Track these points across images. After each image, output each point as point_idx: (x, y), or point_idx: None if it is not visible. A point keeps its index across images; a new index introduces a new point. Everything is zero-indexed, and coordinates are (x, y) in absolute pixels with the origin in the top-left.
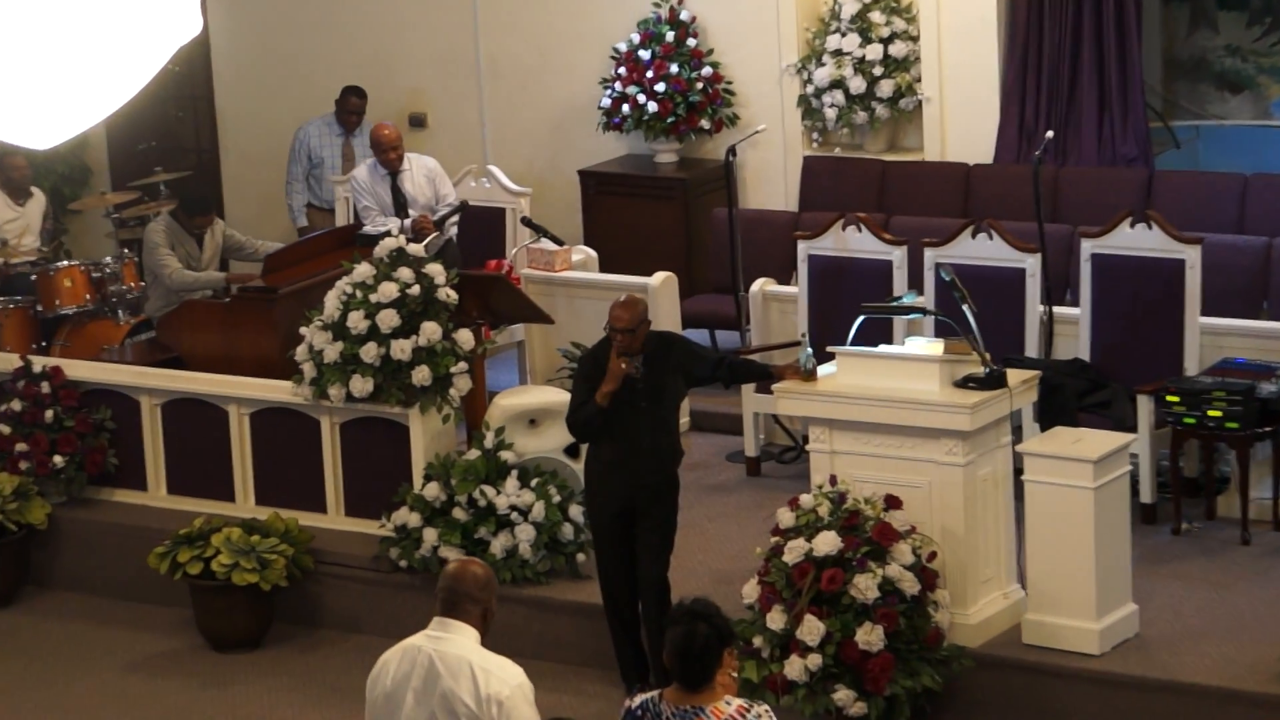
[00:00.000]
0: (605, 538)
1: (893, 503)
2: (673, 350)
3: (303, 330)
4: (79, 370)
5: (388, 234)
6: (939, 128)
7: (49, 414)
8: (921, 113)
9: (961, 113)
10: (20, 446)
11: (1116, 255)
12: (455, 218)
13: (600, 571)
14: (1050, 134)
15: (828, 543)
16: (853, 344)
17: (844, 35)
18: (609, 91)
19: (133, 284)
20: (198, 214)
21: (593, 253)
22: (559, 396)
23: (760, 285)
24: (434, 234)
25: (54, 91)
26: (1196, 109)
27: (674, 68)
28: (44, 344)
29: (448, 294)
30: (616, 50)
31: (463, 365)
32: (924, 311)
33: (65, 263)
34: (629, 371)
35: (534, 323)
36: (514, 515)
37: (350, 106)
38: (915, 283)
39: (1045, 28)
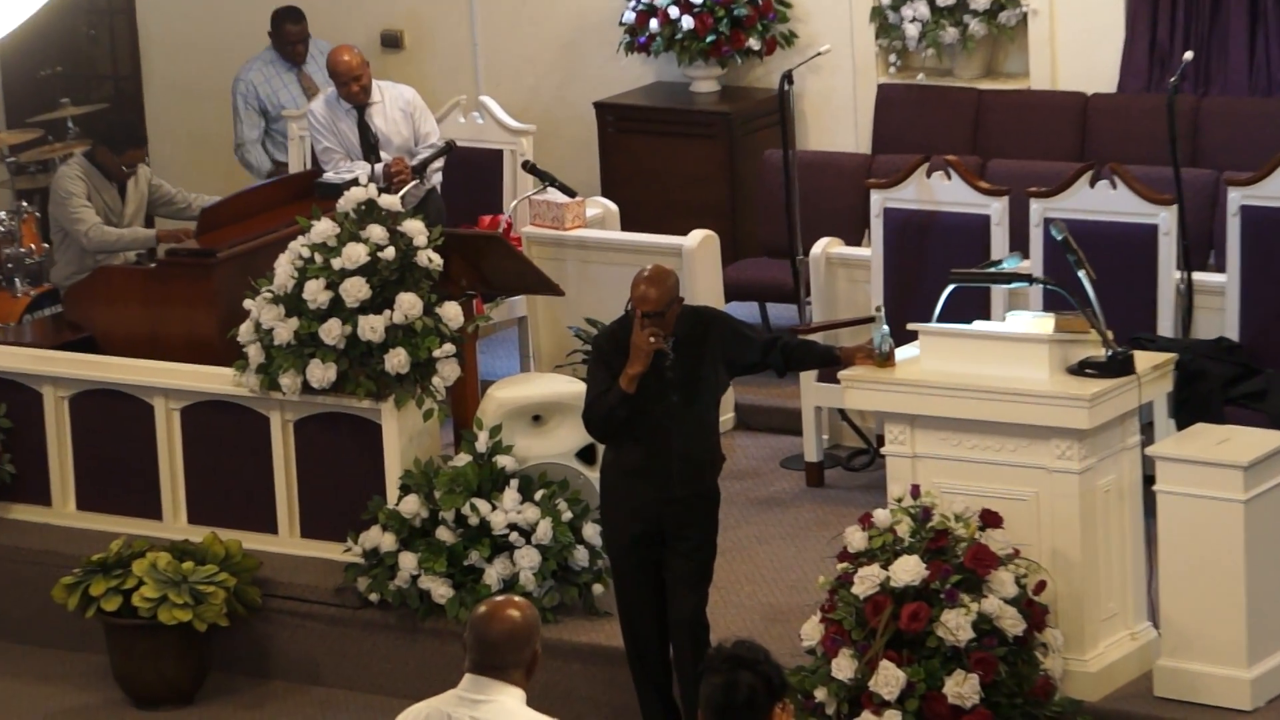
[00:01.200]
0: (627, 565)
1: (990, 520)
2: (712, 331)
3: (247, 304)
4: None
5: (354, 183)
6: (1048, 48)
7: None
8: (1026, 29)
9: (1077, 29)
10: None
11: (1273, 208)
12: (439, 162)
13: (621, 608)
14: (1189, 55)
15: (909, 570)
16: (939, 320)
17: None
18: (633, 3)
19: (34, 245)
20: (130, 147)
21: (612, 206)
22: (570, 387)
23: (824, 247)
24: (412, 182)
25: None
26: None
27: None
28: None
29: (430, 258)
30: None
31: (449, 348)
32: (1029, 280)
33: None
34: (659, 346)
35: (538, 294)
36: (514, 536)
37: (288, 36)
38: (1019, 243)
39: None
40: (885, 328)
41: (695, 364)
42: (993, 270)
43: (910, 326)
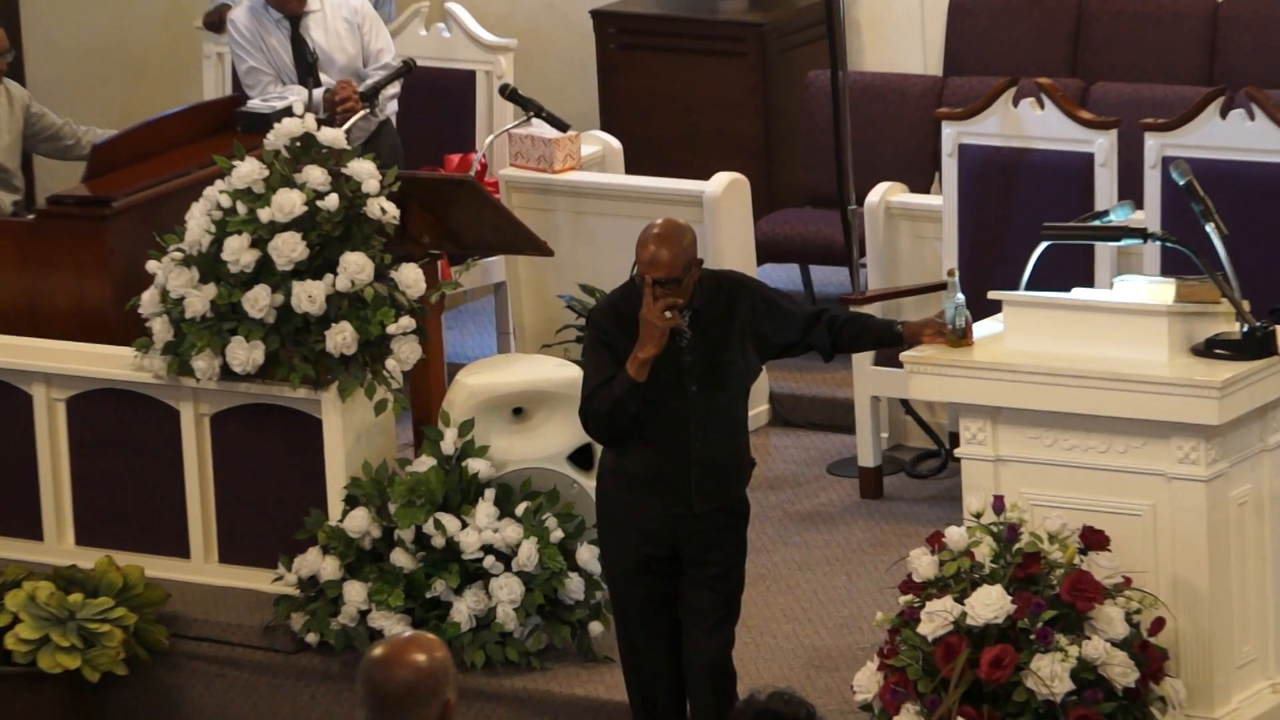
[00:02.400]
0: (632, 599)
1: (1094, 540)
2: (739, 302)
3: (151, 266)
4: None
5: (287, 112)
6: None
7: None
8: None
9: None
10: None
11: None
12: (395, 87)
13: (625, 652)
14: None
15: (990, 604)
16: (1028, 287)
17: None
18: None
19: None
20: None
21: (614, 143)
22: (560, 372)
23: (883, 194)
24: (361, 112)
25: None
26: None
27: None
28: None
29: (383, 208)
30: None
31: (407, 322)
32: (1144, 235)
33: None
34: (676, 323)
35: (521, 254)
36: (489, 562)
37: None
38: (1130, 189)
39: None
40: (960, 297)
41: (718, 345)
42: (1097, 224)
43: (992, 295)
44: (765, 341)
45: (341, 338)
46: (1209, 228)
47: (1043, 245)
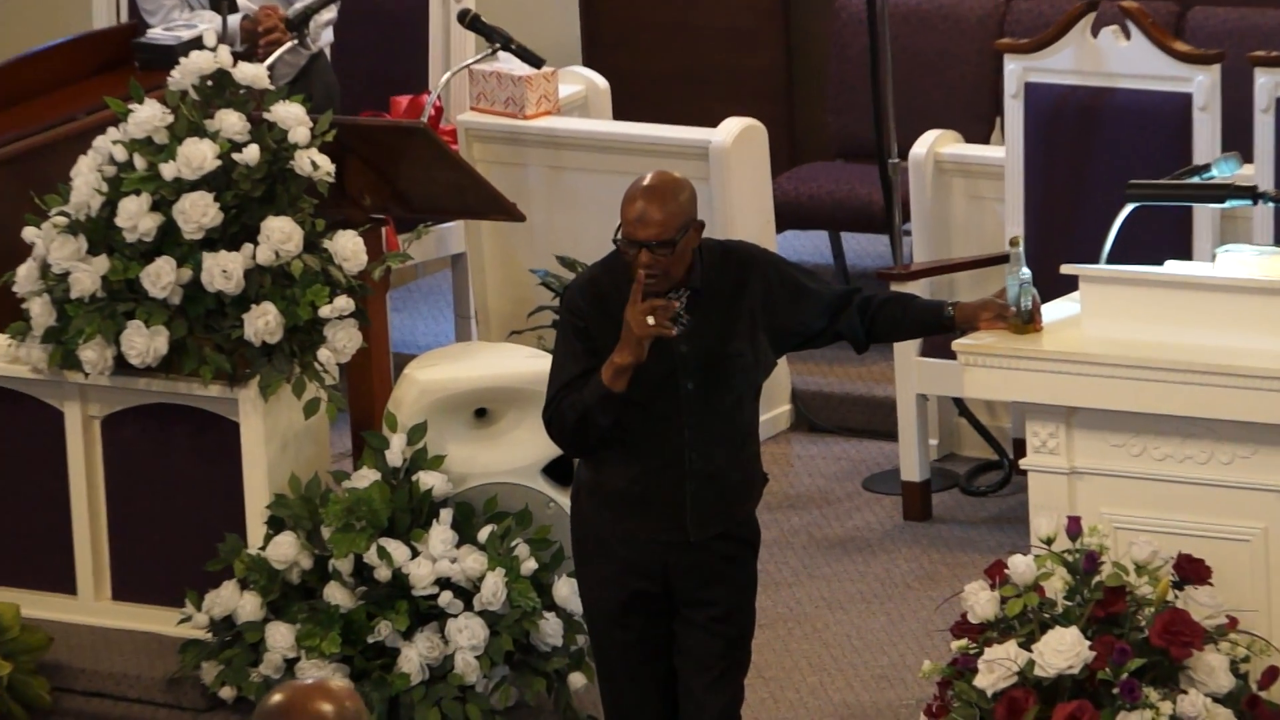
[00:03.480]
0: (617, 644)
1: (1192, 571)
2: (751, 280)
3: (28, 234)
4: None
5: (197, 44)
6: None
7: None
8: None
9: None
10: None
11: None
12: (329, 12)
13: (609, 710)
14: None
15: (1064, 650)
16: (1111, 260)
17: None
18: None
19: None
20: None
21: (600, 81)
22: (531, 364)
23: (931, 145)
24: (288, 44)
25: None
26: None
27: None
28: None
29: (315, 162)
30: None
31: (344, 303)
32: (1254, 195)
33: None
34: (663, 329)
35: (484, 219)
36: (446, 598)
37: None
38: (1236, 139)
39: None
40: (1027, 271)
41: (722, 333)
42: (1195, 181)
43: (1066, 269)
44: (783, 330)
45: (263, 322)
46: None
47: (1128, 208)
